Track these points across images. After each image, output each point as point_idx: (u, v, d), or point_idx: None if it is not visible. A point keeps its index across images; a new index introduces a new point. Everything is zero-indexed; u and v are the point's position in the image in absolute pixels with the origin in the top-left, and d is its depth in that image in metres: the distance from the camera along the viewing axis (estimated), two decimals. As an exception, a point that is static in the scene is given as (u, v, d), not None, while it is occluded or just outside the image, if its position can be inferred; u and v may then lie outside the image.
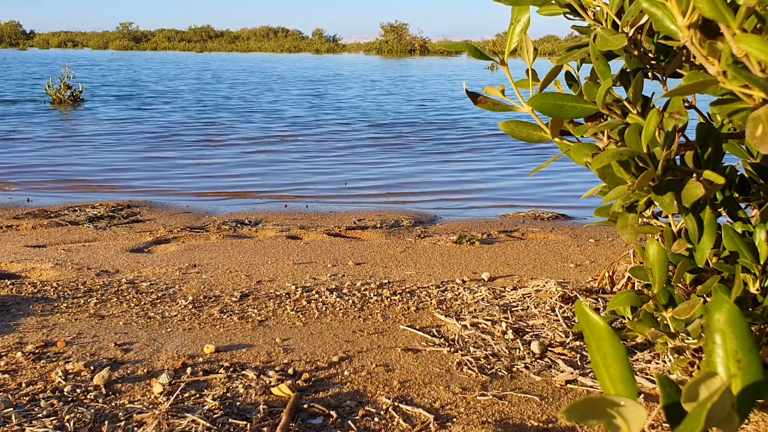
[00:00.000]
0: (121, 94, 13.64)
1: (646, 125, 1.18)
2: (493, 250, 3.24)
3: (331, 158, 6.76)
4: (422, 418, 1.58)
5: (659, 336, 1.50)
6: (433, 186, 5.50)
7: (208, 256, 3.09)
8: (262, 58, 39.39)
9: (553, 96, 1.35)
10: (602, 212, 1.59)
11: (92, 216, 4.01)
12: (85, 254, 3.09)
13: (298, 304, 2.41)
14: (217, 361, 1.89)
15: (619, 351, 0.61)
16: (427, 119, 10.08)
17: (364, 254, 3.17)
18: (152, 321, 2.21)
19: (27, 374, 1.78)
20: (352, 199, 4.92)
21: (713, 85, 0.95)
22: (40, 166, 6.01)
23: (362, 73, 23.12)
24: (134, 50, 54.37)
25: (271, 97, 13.56)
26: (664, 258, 1.39)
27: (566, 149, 1.44)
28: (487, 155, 7.08)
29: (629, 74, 1.38)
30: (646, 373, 1.81)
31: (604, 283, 2.49)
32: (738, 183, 1.48)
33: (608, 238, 3.50)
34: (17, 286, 2.54)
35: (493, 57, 1.48)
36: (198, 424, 1.52)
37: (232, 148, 7.32)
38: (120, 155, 6.69)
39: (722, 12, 0.85)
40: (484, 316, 2.24)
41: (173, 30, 65.10)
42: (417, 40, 52.43)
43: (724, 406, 0.53)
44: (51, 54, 39.23)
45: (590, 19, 1.37)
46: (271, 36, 64.77)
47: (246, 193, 5.10)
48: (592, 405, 0.54)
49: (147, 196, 4.84)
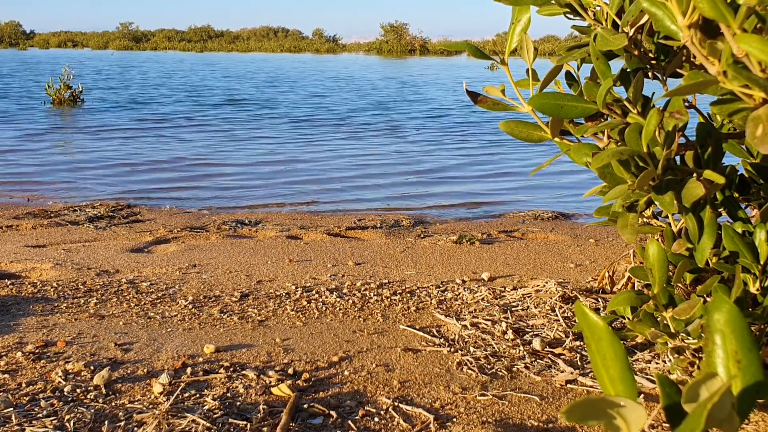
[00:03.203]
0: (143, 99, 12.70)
1: (647, 125, 1.18)
2: (493, 250, 3.24)
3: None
4: (422, 418, 1.58)
5: (659, 336, 1.50)
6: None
7: (208, 256, 3.08)
8: (263, 58, 39.39)
9: (553, 96, 1.34)
10: (602, 212, 1.59)
11: (92, 216, 4.01)
12: (85, 254, 3.09)
13: (298, 304, 2.41)
14: (217, 361, 1.88)
15: (618, 351, 0.61)
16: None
17: (364, 254, 3.17)
18: (152, 321, 2.21)
19: (27, 374, 1.78)
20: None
21: (713, 84, 0.95)
22: (40, 166, 6.01)
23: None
24: (134, 50, 54.36)
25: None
26: (664, 258, 1.39)
27: (566, 149, 1.44)
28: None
29: (629, 74, 1.38)
30: (646, 373, 1.80)
31: (604, 283, 2.49)
32: (738, 183, 1.48)
33: (608, 238, 3.50)
34: (17, 286, 2.54)
35: (493, 57, 1.48)
36: (198, 424, 1.52)
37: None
38: (121, 156, 6.69)
39: (722, 12, 0.85)
40: (484, 316, 2.24)
41: (173, 30, 65.12)
42: (417, 40, 52.43)
43: (725, 406, 0.53)
44: (52, 54, 39.24)
45: (590, 19, 1.37)
46: (271, 36, 64.79)
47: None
48: (592, 405, 0.54)
49: (147, 195, 4.84)
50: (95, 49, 56.45)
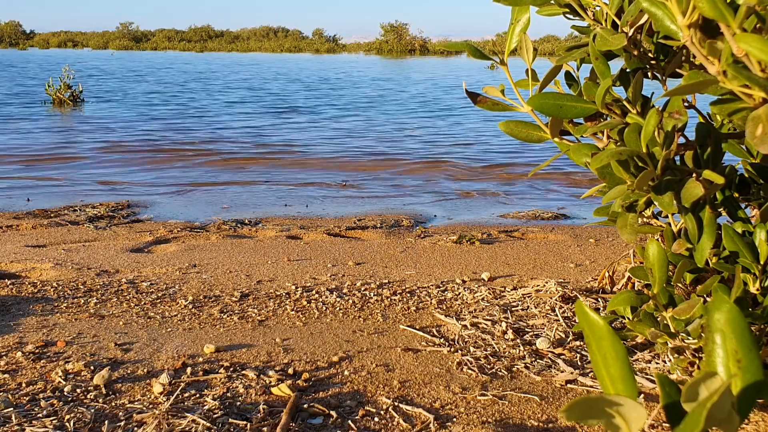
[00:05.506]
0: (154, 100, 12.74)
1: (646, 125, 1.18)
2: (493, 250, 3.24)
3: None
4: (422, 418, 1.58)
5: (659, 336, 1.50)
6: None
7: (208, 256, 3.08)
8: (264, 58, 39.39)
9: (552, 96, 1.35)
10: (602, 212, 1.59)
11: (92, 216, 4.01)
12: (85, 254, 3.09)
13: (298, 303, 2.41)
14: (217, 361, 1.88)
15: (619, 351, 0.61)
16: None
17: (364, 254, 3.17)
18: (152, 321, 2.21)
19: (27, 374, 1.78)
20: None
21: (713, 84, 0.95)
22: (41, 166, 6.01)
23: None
24: (134, 50, 54.37)
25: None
26: (664, 258, 1.39)
27: (566, 149, 1.44)
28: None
29: (629, 74, 1.38)
30: (646, 373, 1.81)
31: (604, 283, 2.49)
32: (738, 183, 1.48)
33: (608, 238, 3.50)
34: (17, 286, 2.54)
35: (493, 57, 1.48)
36: (198, 424, 1.52)
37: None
38: (122, 155, 6.69)
39: (722, 11, 0.85)
40: (484, 316, 2.24)
41: (173, 30, 65.16)
42: (417, 40, 52.44)
43: (724, 405, 0.53)
44: (53, 54, 39.22)
45: (590, 19, 1.37)
46: (271, 36, 64.79)
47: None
48: (592, 404, 0.54)
49: (147, 196, 4.84)
50: (95, 49, 56.46)
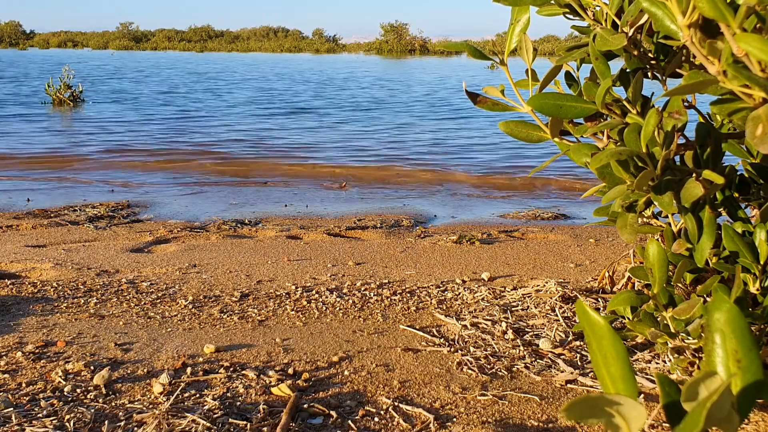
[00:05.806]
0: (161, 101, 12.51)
1: (645, 125, 1.19)
2: (493, 250, 3.24)
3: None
4: (422, 418, 1.58)
5: (659, 336, 1.50)
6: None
7: (208, 256, 3.08)
8: (265, 58, 39.38)
9: (552, 96, 1.35)
10: (602, 212, 1.59)
11: (92, 216, 4.01)
12: (85, 254, 3.09)
13: (298, 303, 2.41)
14: (217, 361, 1.88)
15: (619, 350, 0.61)
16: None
17: (364, 254, 3.17)
18: (152, 321, 2.21)
19: (27, 374, 1.78)
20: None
21: (713, 84, 0.95)
22: (41, 166, 6.01)
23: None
24: (134, 50, 54.37)
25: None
26: (664, 258, 1.39)
27: (566, 149, 1.44)
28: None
29: (629, 74, 1.38)
30: (646, 373, 1.81)
31: (604, 283, 2.50)
32: (738, 183, 1.48)
33: (608, 238, 3.50)
34: (17, 286, 2.54)
35: (492, 57, 1.48)
36: (198, 424, 1.52)
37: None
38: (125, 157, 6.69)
39: (722, 11, 0.85)
40: (484, 316, 2.24)
41: (173, 30, 65.18)
42: (417, 40, 52.45)
43: (724, 405, 0.53)
44: (53, 54, 39.21)
45: (590, 19, 1.37)
46: (271, 36, 64.80)
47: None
48: (592, 404, 0.54)
49: (147, 195, 4.84)
50: (95, 49, 56.46)
